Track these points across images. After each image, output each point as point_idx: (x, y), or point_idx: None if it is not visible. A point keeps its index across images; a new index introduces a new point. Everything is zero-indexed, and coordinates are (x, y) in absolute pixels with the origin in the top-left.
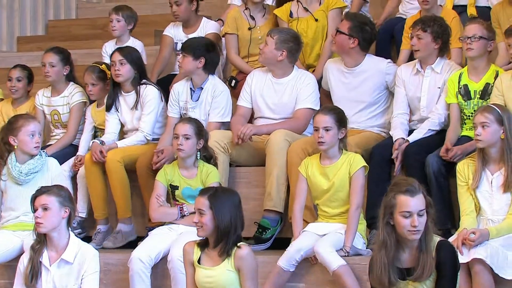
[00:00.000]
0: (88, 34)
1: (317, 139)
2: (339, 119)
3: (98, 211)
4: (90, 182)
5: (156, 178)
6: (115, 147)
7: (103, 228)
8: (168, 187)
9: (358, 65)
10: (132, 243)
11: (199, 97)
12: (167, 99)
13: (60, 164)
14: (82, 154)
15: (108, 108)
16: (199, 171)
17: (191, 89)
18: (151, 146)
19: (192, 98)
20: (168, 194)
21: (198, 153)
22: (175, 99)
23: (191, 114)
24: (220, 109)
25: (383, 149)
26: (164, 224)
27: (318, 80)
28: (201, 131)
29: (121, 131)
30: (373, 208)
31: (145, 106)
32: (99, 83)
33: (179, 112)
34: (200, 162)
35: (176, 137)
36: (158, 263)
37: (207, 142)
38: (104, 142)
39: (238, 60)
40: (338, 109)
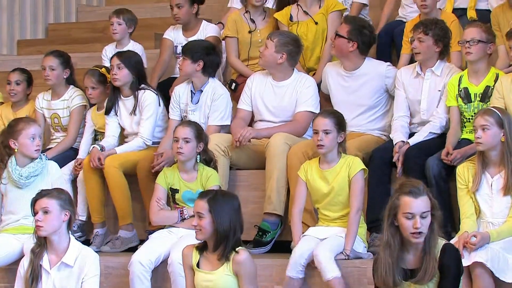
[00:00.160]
0: (88, 38)
1: (316, 142)
2: (339, 123)
3: (95, 215)
4: (87, 186)
5: (156, 181)
6: (114, 153)
7: (100, 231)
8: (168, 190)
9: (358, 68)
10: (132, 246)
11: (199, 100)
12: (167, 102)
13: (60, 167)
14: (82, 157)
15: (108, 111)
16: (199, 174)
17: (192, 91)
18: (151, 150)
19: (192, 100)
20: (168, 197)
21: (198, 156)
22: (176, 101)
23: (191, 117)
24: (219, 112)
25: (383, 152)
26: (164, 228)
27: (318, 84)
28: (201, 134)
29: (121, 134)
30: (373, 211)
31: (143, 111)
32: (99, 87)
33: (180, 114)
34: (200, 166)
35: (176, 140)
36: (158, 266)
37: (207, 145)
38: (104, 147)
39: (238, 63)
40: (338, 112)
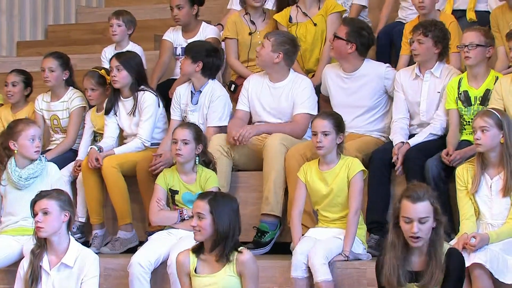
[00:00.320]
0: (87, 39)
1: (315, 144)
2: (338, 124)
3: (93, 216)
4: (86, 187)
5: (156, 182)
6: (112, 154)
7: (99, 232)
8: (168, 191)
9: (357, 70)
10: (132, 248)
11: (198, 100)
12: (166, 104)
13: (60, 169)
14: (81, 159)
15: (107, 112)
16: (198, 176)
17: (192, 92)
18: (151, 151)
19: (192, 101)
20: (167, 198)
21: (197, 158)
22: (177, 101)
23: (191, 117)
24: (217, 113)
25: (382, 153)
26: (163, 229)
27: (318, 86)
28: (199, 136)
29: (121, 135)
30: (373, 212)
31: (142, 112)
32: (99, 88)
33: (181, 115)
34: (199, 167)
35: (174, 142)
36: (157, 267)
37: (206, 147)
38: (102, 148)
39: (237, 64)
40: (337, 114)
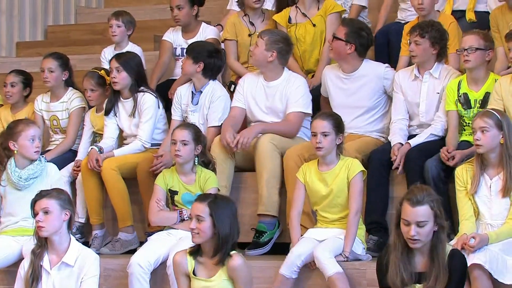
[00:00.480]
0: (87, 40)
1: (315, 145)
2: (337, 125)
3: (93, 216)
4: (86, 187)
5: (155, 182)
6: (112, 155)
7: (99, 233)
8: (167, 192)
9: (356, 70)
10: (131, 248)
11: (199, 101)
12: (166, 104)
13: (59, 169)
14: (81, 159)
15: (107, 113)
16: (197, 176)
17: (193, 92)
18: (151, 152)
19: (192, 101)
20: (167, 199)
21: (196, 158)
22: (178, 101)
23: (191, 117)
24: (217, 113)
25: (381, 154)
26: (163, 229)
27: (318, 86)
28: (199, 137)
29: (120, 136)
30: (371, 213)
31: (142, 113)
32: (98, 89)
33: (182, 115)
34: (198, 168)
35: (173, 142)
36: (157, 268)
37: (205, 147)
38: (103, 148)
39: (237, 65)
40: (336, 114)
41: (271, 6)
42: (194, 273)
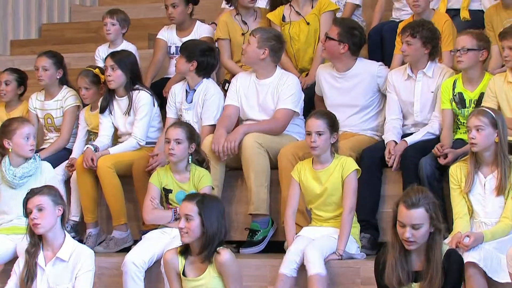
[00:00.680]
0: (81, 38)
1: (309, 144)
2: (332, 124)
3: (88, 215)
4: (80, 185)
5: (150, 180)
6: (107, 153)
7: (93, 231)
8: (162, 190)
9: (349, 69)
10: (126, 247)
11: (192, 99)
12: (161, 103)
13: (54, 167)
14: (76, 157)
15: (102, 110)
16: (191, 175)
17: (187, 91)
18: (146, 150)
19: (186, 99)
20: (161, 197)
21: (190, 157)
22: (172, 100)
23: (185, 115)
24: (211, 111)
25: (373, 152)
26: (157, 228)
27: (312, 85)
28: (193, 135)
29: (115, 135)
30: (362, 211)
31: (137, 111)
32: (93, 87)
33: (177, 113)
34: (192, 166)
35: (167, 141)
36: (151, 266)
37: (199, 145)
38: (98, 147)
39: (231, 64)
40: (330, 113)
41: (264, 5)
42: (184, 273)
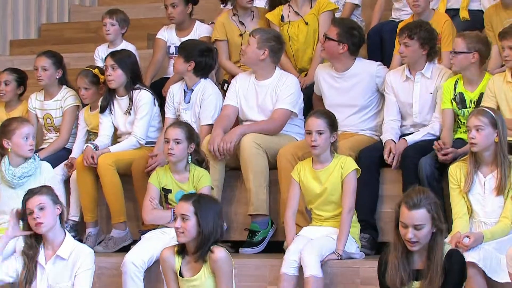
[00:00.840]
0: (81, 38)
1: (310, 143)
2: (331, 123)
3: (87, 214)
4: (80, 184)
5: (149, 180)
6: (107, 152)
7: (93, 231)
8: (161, 190)
9: (348, 69)
10: (125, 247)
11: (190, 99)
12: (160, 102)
13: (53, 167)
14: (75, 157)
15: (102, 110)
16: (191, 175)
17: (185, 90)
18: (146, 150)
19: (184, 99)
20: (160, 197)
21: (189, 157)
22: (171, 100)
23: (184, 115)
24: (209, 111)
25: (371, 152)
26: (157, 228)
27: (311, 85)
28: (192, 135)
29: (115, 134)
30: (361, 212)
31: (138, 110)
32: (92, 87)
33: (175, 113)
34: (192, 166)
35: (166, 141)
36: (151, 266)
37: (198, 145)
38: (98, 146)
39: (229, 65)
40: (330, 113)
41: (263, 4)
42: (180, 273)
